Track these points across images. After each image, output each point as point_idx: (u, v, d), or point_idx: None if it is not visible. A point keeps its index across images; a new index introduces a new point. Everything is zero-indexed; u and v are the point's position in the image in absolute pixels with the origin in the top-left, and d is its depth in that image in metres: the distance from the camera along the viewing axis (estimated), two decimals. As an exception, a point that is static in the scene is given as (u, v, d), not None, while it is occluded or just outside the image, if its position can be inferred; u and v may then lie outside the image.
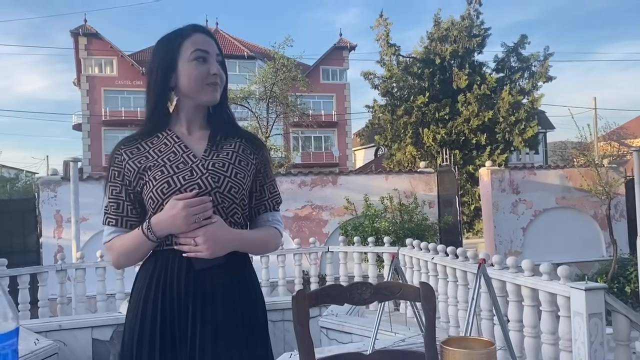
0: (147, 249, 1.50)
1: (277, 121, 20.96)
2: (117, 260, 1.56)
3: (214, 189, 1.49)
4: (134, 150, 1.56)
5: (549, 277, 3.60)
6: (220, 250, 1.46)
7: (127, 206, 1.54)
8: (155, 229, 1.45)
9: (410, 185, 10.57)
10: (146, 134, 1.59)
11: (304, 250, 7.07)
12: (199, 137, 1.59)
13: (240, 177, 1.53)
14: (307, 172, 10.75)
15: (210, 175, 1.50)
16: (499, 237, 10.56)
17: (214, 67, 1.54)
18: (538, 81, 16.57)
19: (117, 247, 1.53)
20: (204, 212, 1.44)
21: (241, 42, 34.44)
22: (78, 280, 6.12)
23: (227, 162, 1.54)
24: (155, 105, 1.58)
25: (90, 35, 31.38)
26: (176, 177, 1.48)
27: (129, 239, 1.50)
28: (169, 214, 1.43)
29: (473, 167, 15.25)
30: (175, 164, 1.51)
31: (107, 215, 1.55)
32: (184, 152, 1.54)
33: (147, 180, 1.50)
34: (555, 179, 11.02)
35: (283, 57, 19.05)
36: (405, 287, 1.84)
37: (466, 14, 16.80)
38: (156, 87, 1.57)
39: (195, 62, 1.53)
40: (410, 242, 5.87)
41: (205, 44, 1.55)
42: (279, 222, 1.67)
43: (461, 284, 4.67)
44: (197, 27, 1.60)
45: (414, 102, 16.22)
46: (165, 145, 1.56)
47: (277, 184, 1.72)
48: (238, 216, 1.55)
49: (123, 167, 1.54)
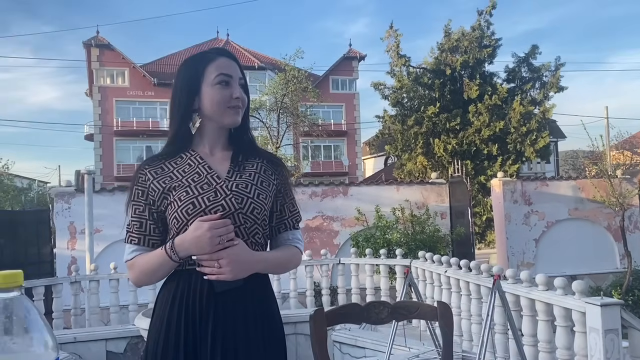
0: (169, 268, 1.51)
1: (287, 131, 21.06)
2: (138, 279, 1.57)
3: (237, 210, 1.51)
4: (158, 170, 1.58)
5: (563, 292, 3.58)
6: (242, 273, 1.47)
7: (150, 225, 1.56)
8: (179, 249, 1.46)
9: (422, 196, 10.55)
10: (169, 155, 1.61)
11: (316, 262, 7.07)
12: (222, 158, 1.62)
13: (262, 198, 1.56)
14: (317, 182, 10.77)
15: (234, 196, 1.52)
16: (511, 249, 10.49)
17: (236, 91, 1.57)
18: (549, 91, 16.49)
19: (139, 266, 1.54)
20: (227, 234, 1.45)
21: (251, 53, 34.69)
22: (92, 292, 6.16)
23: (250, 183, 1.57)
24: (179, 126, 1.61)
25: (103, 47, 31.77)
26: (201, 198, 1.50)
27: (152, 258, 1.51)
28: (194, 235, 1.44)
29: (484, 178, 15.17)
30: (199, 184, 1.53)
31: (130, 234, 1.57)
32: (208, 173, 1.56)
33: (172, 200, 1.52)
34: (567, 190, 10.95)
35: (294, 69, 19.17)
36: (422, 306, 1.85)
37: (477, 24, 16.79)
38: (180, 109, 1.60)
39: (219, 86, 1.56)
40: (422, 254, 5.86)
41: (228, 68, 1.59)
42: (299, 241, 1.68)
43: (474, 297, 4.64)
44: (221, 51, 1.64)
45: (424, 113, 16.20)
46: (189, 166, 1.58)
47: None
48: (259, 236, 1.57)
49: (147, 186, 1.56)
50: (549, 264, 10.33)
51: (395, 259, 6.38)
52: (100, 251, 8.59)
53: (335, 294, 7.25)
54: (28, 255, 8.47)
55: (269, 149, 19.67)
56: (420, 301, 4.56)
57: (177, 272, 1.52)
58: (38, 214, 9.60)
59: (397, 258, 6.36)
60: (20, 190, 30.49)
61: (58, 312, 5.90)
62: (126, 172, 31.04)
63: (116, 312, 6.16)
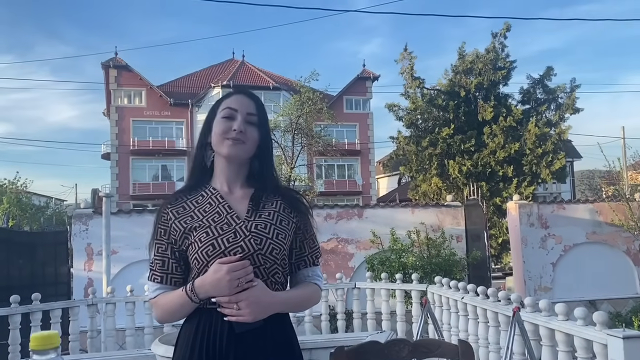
0: (190, 309, 1.53)
1: (302, 152, 21.17)
2: (161, 317, 1.60)
3: (256, 251, 1.52)
4: (180, 209, 1.60)
5: (584, 322, 3.52)
6: (262, 314, 1.48)
7: (172, 264, 1.58)
8: (199, 291, 1.48)
9: (437, 218, 10.49)
10: (190, 190, 1.65)
11: (331, 286, 7.04)
12: (241, 196, 1.63)
13: (281, 238, 1.57)
14: (332, 204, 10.77)
15: (253, 237, 1.53)
16: (528, 273, 10.36)
17: (236, 124, 1.59)
18: (565, 113, 16.44)
19: (162, 305, 1.57)
20: (246, 276, 1.46)
21: (266, 74, 35.05)
22: (108, 314, 6.19)
23: (269, 222, 1.58)
24: (195, 160, 1.68)
25: (121, 68, 32.36)
26: (220, 240, 1.52)
27: (173, 298, 1.54)
28: (213, 278, 1.46)
29: (500, 200, 15.08)
30: (219, 225, 1.55)
31: (153, 272, 1.60)
32: (227, 213, 1.57)
33: (193, 241, 1.53)
34: (585, 213, 10.82)
35: (309, 91, 19.34)
36: (443, 344, 1.84)
37: (491, 47, 16.85)
38: (198, 144, 1.68)
39: (223, 120, 1.60)
40: (439, 279, 5.81)
41: (235, 103, 1.62)
42: (319, 278, 1.69)
43: (492, 325, 4.58)
44: (239, 89, 1.74)
45: (439, 134, 16.21)
46: (209, 205, 1.60)
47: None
48: (279, 275, 1.58)
49: (169, 225, 1.58)
50: (567, 288, 10.17)
51: (412, 283, 6.34)
52: (117, 273, 8.64)
53: (350, 318, 7.19)
54: (46, 276, 8.55)
55: (283, 169, 19.79)
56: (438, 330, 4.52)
57: (198, 310, 1.53)
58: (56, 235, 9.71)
59: (413, 283, 6.32)
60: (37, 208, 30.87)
61: (75, 335, 5.93)
62: (142, 191, 31.35)
63: (132, 335, 6.17)
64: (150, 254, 1.62)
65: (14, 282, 7.87)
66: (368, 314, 6.64)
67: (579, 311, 3.53)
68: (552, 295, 9.83)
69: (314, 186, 24.84)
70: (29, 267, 8.56)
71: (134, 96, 33.12)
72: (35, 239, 9.43)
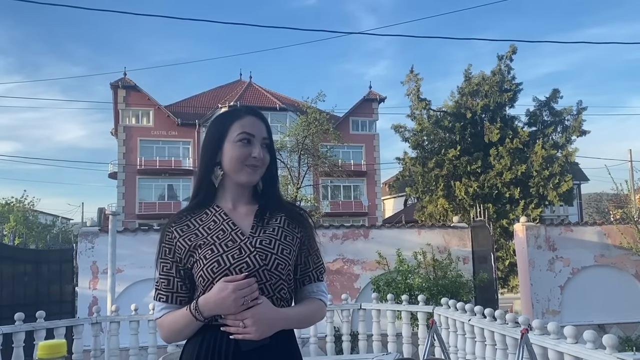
0: (195, 327, 1.52)
1: (308, 172, 21.21)
2: (167, 337, 1.59)
3: (261, 267, 1.51)
4: (184, 227, 1.60)
5: (593, 346, 3.47)
6: (267, 331, 1.48)
7: (177, 282, 1.58)
8: (203, 309, 1.48)
9: (444, 240, 10.43)
10: (194, 209, 1.64)
11: (336, 307, 6.98)
12: (245, 213, 1.63)
13: (286, 253, 1.57)
14: (338, 225, 10.73)
15: (258, 253, 1.53)
16: (535, 296, 10.24)
17: (256, 150, 1.59)
18: (571, 135, 16.43)
19: (167, 325, 1.56)
20: (251, 294, 1.46)
21: (273, 95, 35.32)
22: (112, 333, 6.15)
23: (274, 238, 1.58)
24: (202, 179, 1.65)
25: (129, 88, 32.71)
26: (225, 256, 1.51)
27: (178, 317, 1.53)
28: (218, 297, 1.45)
29: (507, 222, 15.00)
30: (224, 242, 1.55)
31: (158, 292, 1.60)
32: (232, 230, 1.58)
33: (198, 258, 1.53)
34: (593, 236, 10.73)
35: (315, 111, 19.45)
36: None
37: (497, 69, 16.94)
38: (204, 162, 1.65)
39: (240, 144, 1.59)
40: (446, 301, 5.75)
41: (252, 127, 1.61)
42: (323, 293, 1.68)
43: (500, 347, 4.52)
44: (250, 109, 1.68)
45: (445, 155, 16.21)
46: (214, 223, 1.60)
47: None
48: (284, 291, 1.57)
49: (174, 244, 1.58)
50: (576, 311, 10.04)
51: (418, 305, 6.28)
52: (122, 291, 8.62)
53: (355, 340, 7.12)
54: (50, 294, 8.54)
55: (289, 189, 19.80)
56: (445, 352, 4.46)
57: (202, 328, 1.52)
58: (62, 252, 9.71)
59: (419, 304, 6.26)
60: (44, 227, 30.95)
61: (78, 354, 5.88)
62: (148, 210, 31.40)
63: (135, 355, 6.12)
64: (156, 273, 1.62)
65: (18, 300, 7.86)
66: (374, 336, 6.57)
67: (588, 334, 3.48)
68: (560, 319, 9.69)
69: (320, 207, 24.82)
70: (34, 284, 8.55)
71: (142, 116, 33.40)
72: (40, 257, 9.42)
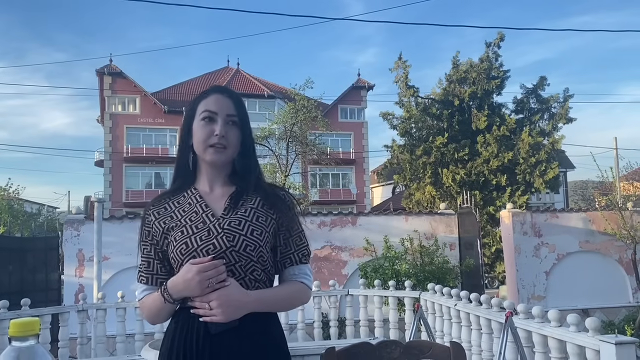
0: (169, 309, 1.53)
1: (296, 160, 21.17)
2: (147, 318, 1.61)
3: (228, 248, 1.49)
4: (161, 210, 1.61)
5: (576, 329, 3.52)
6: (234, 314, 1.45)
7: (156, 264, 1.59)
8: (172, 291, 1.49)
9: (431, 226, 10.49)
10: (174, 192, 1.65)
11: (324, 293, 7.01)
12: (221, 195, 1.61)
13: (256, 235, 1.52)
14: (326, 212, 10.75)
15: (226, 235, 1.50)
16: (521, 281, 10.36)
17: (217, 128, 1.56)
18: (558, 123, 16.55)
19: (147, 306, 1.58)
20: (217, 276, 1.44)
21: (261, 82, 35.11)
22: (99, 320, 6.13)
23: (244, 219, 1.54)
24: (179, 163, 1.66)
25: (115, 75, 32.32)
26: (194, 238, 1.51)
27: (153, 299, 1.55)
28: (184, 278, 1.45)
29: (493, 208, 15.12)
30: (195, 224, 1.54)
31: (140, 274, 1.61)
32: (203, 212, 1.57)
33: (170, 240, 1.54)
34: (578, 222, 10.85)
35: (303, 98, 19.36)
36: (435, 346, 1.82)
37: (485, 56, 16.97)
38: (180, 146, 1.66)
39: (203, 123, 1.58)
40: (432, 287, 5.79)
41: (215, 105, 1.58)
42: (305, 276, 1.63)
43: (485, 332, 4.57)
44: (217, 88, 1.66)
45: (432, 143, 16.27)
46: (189, 205, 1.59)
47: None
48: (258, 272, 1.53)
49: (151, 227, 1.59)
50: (560, 297, 10.18)
51: (404, 290, 6.32)
52: (108, 279, 8.57)
53: (343, 326, 7.16)
54: (36, 282, 8.47)
55: (277, 177, 19.76)
56: (431, 336, 4.50)
57: (179, 310, 1.54)
58: (47, 240, 9.62)
59: (406, 290, 6.30)
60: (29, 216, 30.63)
61: (64, 341, 5.85)
62: (135, 199, 31.20)
63: (122, 342, 6.11)
64: (138, 256, 1.63)
65: (3, 288, 7.80)
66: (361, 321, 6.61)
67: (571, 317, 3.53)
68: (545, 304, 9.82)
69: (308, 195, 24.82)
70: (18, 272, 8.48)
71: (128, 103, 33.06)
72: (25, 245, 9.33)
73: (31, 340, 0.84)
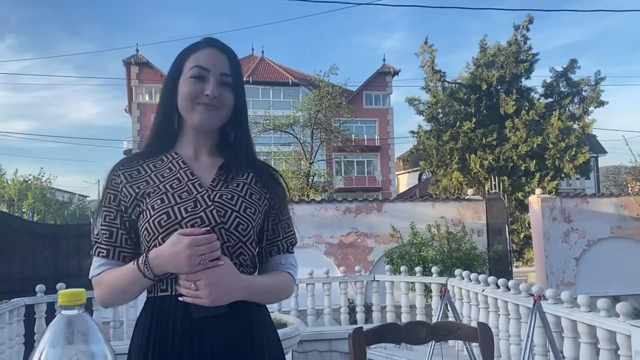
0: (141, 287, 1.30)
1: (321, 147, 21.19)
2: (105, 298, 1.34)
3: (219, 224, 1.29)
4: (134, 172, 1.38)
5: (607, 314, 3.47)
6: (222, 298, 1.25)
7: (121, 235, 1.34)
8: (153, 265, 1.25)
9: (458, 213, 10.42)
10: (150, 155, 1.43)
11: (350, 279, 7.05)
12: (209, 165, 1.42)
13: (250, 213, 1.35)
14: (351, 199, 10.76)
15: (216, 208, 1.31)
16: (550, 268, 10.23)
17: (209, 87, 1.35)
18: (589, 106, 16.17)
19: (107, 283, 1.31)
20: (211, 253, 1.24)
21: (286, 70, 35.12)
22: (130, 305, 6.28)
23: (237, 194, 1.36)
24: (161, 123, 1.44)
25: (142, 64, 32.73)
26: (177, 208, 1.29)
27: (122, 274, 1.29)
28: (171, 251, 1.23)
29: (522, 194, 14.91)
30: (178, 192, 1.33)
31: (98, 245, 1.35)
32: (189, 180, 1.36)
33: (145, 208, 1.31)
34: (609, 208, 10.64)
35: (328, 85, 19.32)
36: (462, 327, 1.83)
37: (513, 39, 16.64)
38: (162, 104, 1.44)
39: (192, 80, 1.36)
40: (459, 272, 5.77)
41: (208, 61, 1.37)
42: (292, 266, 1.47)
43: (513, 317, 4.55)
44: (210, 41, 1.42)
45: (460, 128, 16.07)
46: (169, 170, 1.38)
47: (322, 210, 1.60)
48: (245, 257, 1.35)
49: (119, 190, 1.35)
50: (591, 283, 10.03)
51: (431, 277, 6.31)
52: (139, 265, 8.76)
53: (369, 311, 7.20)
54: (70, 268, 8.68)
55: (302, 164, 19.83)
56: (458, 320, 4.49)
57: (151, 299, 1.32)
58: (80, 228, 9.84)
59: (433, 276, 6.29)
60: (61, 204, 31.42)
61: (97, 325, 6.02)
62: (163, 187, 31.64)
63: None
64: (96, 224, 1.37)
65: (39, 273, 8.03)
66: (387, 307, 6.64)
67: (602, 302, 3.48)
68: (575, 291, 9.69)
69: (333, 182, 24.85)
70: (53, 259, 8.72)
71: (155, 92, 33.45)
72: (59, 232, 9.58)
73: (77, 309, 0.88)
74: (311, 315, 6.62)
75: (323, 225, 9.88)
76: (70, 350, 0.85)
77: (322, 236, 9.88)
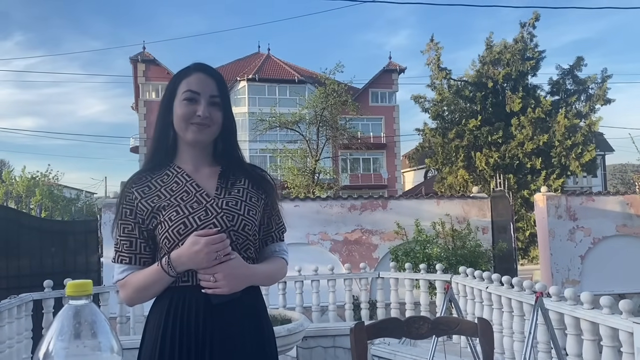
0: (164, 284, 1.51)
1: (327, 144, 21.19)
2: (130, 298, 1.56)
3: (229, 228, 1.53)
4: (145, 189, 1.59)
5: (610, 311, 3.48)
6: (238, 286, 1.50)
7: (140, 243, 1.56)
8: (176, 264, 1.47)
9: (463, 210, 10.41)
10: (153, 170, 1.63)
11: (355, 276, 7.07)
12: (208, 175, 1.63)
13: (252, 214, 1.59)
14: (357, 196, 10.77)
15: (225, 214, 1.54)
16: (555, 265, 10.21)
17: (200, 109, 1.56)
18: (596, 104, 16.10)
19: (132, 284, 1.53)
20: (224, 249, 1.48)
21: (292, 67, 35.11)
22: (137, 300, 6.34)
23: (240, 200, 1.59)
24: (158, 139, 1.65)
25: (149, 62, 32.80)
26: (192, 218, 1.51)
27: (147, 275, 1.51)
28: (191, 250, 1.45)
29: (528, 192, 14.88)
30: (189, 203, 1.54)
31: (119, 254, 1.56)
32: (197, 191, 1.57)
33: (162, 220, 1.52)
34: (615, 206, 10.60)
35: (334, 83, 19.33)
36: (463, 322, 1.85)
37: (519, 36, 16.59)
38: (159, 123, 1.64)
39: (185, 102, 1.57)
40: (463, 270, 5.78)
41: (198, 85, 1.58)
42: (285, 252, 1.73)
43: (517, 314, 4.56)
44: (199, 66, 1.64)
45: (465, 126, 16.05)
46: (176, 184, 1.59)
47: (327, 207, 1.79)
48: (251, 251, 1.60)
49: (135, 205, 1.56)
50: (596, 281, 10.00)
51: (435, 274, 6.33)
52: (145, 261, 8.81)
53: (374, 308, 7.22)
54: (77, 264, 8.78)
55: (308, 162, 19.86)
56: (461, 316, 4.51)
57: (170, 288, 1.51)
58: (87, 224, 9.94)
59: (437, 273, 6.30)
60: (69, 201, 31.59)
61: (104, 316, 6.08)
62: (169, 184, 31.73)
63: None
64: (114, 236, 1.59)
65: (47, 269, 8.12)
66: (392, 304, 6.65)
67: (604, 299, 3.49)
68: (580, 289, 9.64)
69: (339, 179, 24.85)
70: (61, 254, 8.81)
71: (162, 90, 33.20)
72: (66, 228, 9.67)
73: (85, 300, 0.92)
74: (316, 311, 6.65)
75: (328, 222, 9.90)
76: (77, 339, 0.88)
77: (327, 233, 9.90)
